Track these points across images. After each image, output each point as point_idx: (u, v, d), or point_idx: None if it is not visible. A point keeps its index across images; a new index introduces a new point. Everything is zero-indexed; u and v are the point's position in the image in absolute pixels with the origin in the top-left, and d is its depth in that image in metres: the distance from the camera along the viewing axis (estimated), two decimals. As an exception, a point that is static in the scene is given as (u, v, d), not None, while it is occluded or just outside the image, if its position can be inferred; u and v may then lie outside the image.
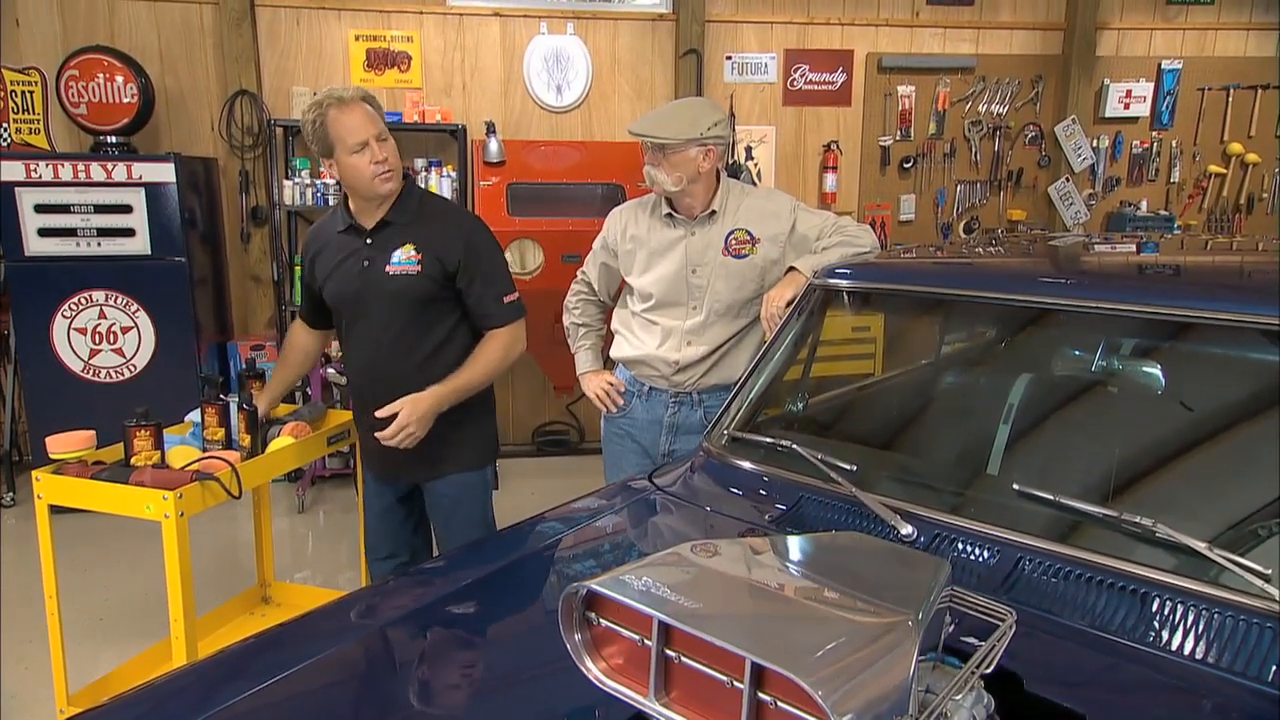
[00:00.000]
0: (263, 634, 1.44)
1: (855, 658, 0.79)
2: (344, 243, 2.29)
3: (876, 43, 5.42)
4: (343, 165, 2.14)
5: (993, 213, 5.71)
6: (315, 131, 2.14)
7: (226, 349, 4.78)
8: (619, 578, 0.90)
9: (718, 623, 0.83)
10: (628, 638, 0.91)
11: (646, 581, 0.89)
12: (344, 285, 2.30)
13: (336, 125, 2.11)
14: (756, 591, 0.90)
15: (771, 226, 2.41)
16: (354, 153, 2.12)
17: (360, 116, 2.12)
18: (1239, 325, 1.42)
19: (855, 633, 0.82)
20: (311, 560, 4.16)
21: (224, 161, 4.85)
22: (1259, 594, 1.20)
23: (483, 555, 1.58)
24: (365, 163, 2.12)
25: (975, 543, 1.44)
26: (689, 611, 0.84)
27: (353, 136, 2.11)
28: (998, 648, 1.04)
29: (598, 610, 0.94)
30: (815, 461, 1.65)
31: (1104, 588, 1.30)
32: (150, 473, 2.20)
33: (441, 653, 1.37)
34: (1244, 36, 5.69)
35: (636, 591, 0.87)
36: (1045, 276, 1.80)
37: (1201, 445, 1.59)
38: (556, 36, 5.10)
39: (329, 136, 2.12)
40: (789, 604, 0.88)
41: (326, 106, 2.11)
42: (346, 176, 2.16)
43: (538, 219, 4.69)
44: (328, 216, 2.40)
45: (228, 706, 1.16)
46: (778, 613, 0.86)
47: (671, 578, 0.90)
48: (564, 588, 0.93)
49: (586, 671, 0.93)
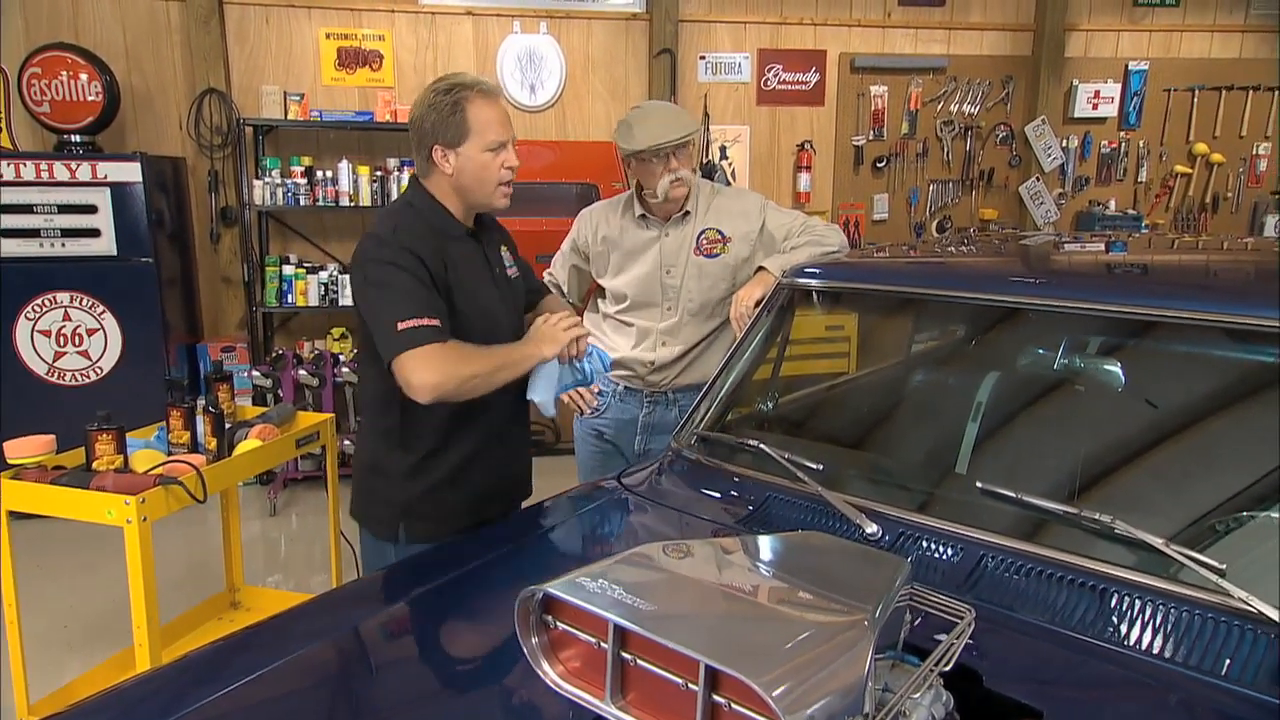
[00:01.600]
0: (228, 637, 1.42)
1: (809, 658, 0.79)
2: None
3: (849, 43, 5.45)
4: (469, 160, 1.82)
5: (965, 212, 5.76)
6: (445, 114, 1.81)
7: (196, 350, 4.71)
8: (575, 580, 0.89)
9: (672, 625, 0.82)
10: (585, 641, 0.91)
11: (602, 584, 0.88)
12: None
13: (480, 114, 1.81)
14: (713, 593, 0.90)
15: (742, 225, 2.42)
16: (490, 149, 1.83)
17: (505, 114, 1.87)
18: (1204, 324, 1.43)
19: (809, 633, 0.82)
20: (284, 564, 4.11)
21: (193, 161, 4.79)
22: (1214, 589, 1.21)
23: (446, 560, 1.57)
24: (498, 165, 1.84)
25: (939, 541, 1.45)
26: (644, 614, 0.84)
27: (493, 132, 1.82)
28: (956, 645, 1.04)
29: (555, 613, 0.93)
30: (782, 461, 1.65)
31: (1064, 584, 1.31)
32: (112, 477, 2.16)
33: (405, 656, 1.36)
34: (1209, 38, 5.78)
35: (592, 594, 0.87)
36: (1012, 276, 1.82)
37: (1165, 442, 1.61)
38: (530, 36, 5.08)
39: (465, 123, 1.80)
40: (745, 605, 0.88)
41: (470, 89, 1.82)
42: (467, 174, 1.84)
43: (511, 218, 4.62)
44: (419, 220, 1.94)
45: (194, 710, 1.14)
46: (733, 614, 0.86)
47: (628, 580, 0.89)
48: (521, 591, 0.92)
49: (543, 675, 0.93)
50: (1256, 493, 1.43)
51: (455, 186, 1.86)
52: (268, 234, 4.96)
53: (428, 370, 1.67)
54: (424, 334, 1.68)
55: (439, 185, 1.87)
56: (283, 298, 4.83)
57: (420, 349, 1.67)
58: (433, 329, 1.69)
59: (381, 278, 1.74)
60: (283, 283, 4.81)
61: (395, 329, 1.68)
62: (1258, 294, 1.47)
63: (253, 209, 4.76)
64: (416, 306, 1.70)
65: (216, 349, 4.70)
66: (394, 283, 1.73)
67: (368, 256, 1.78)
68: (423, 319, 1.68)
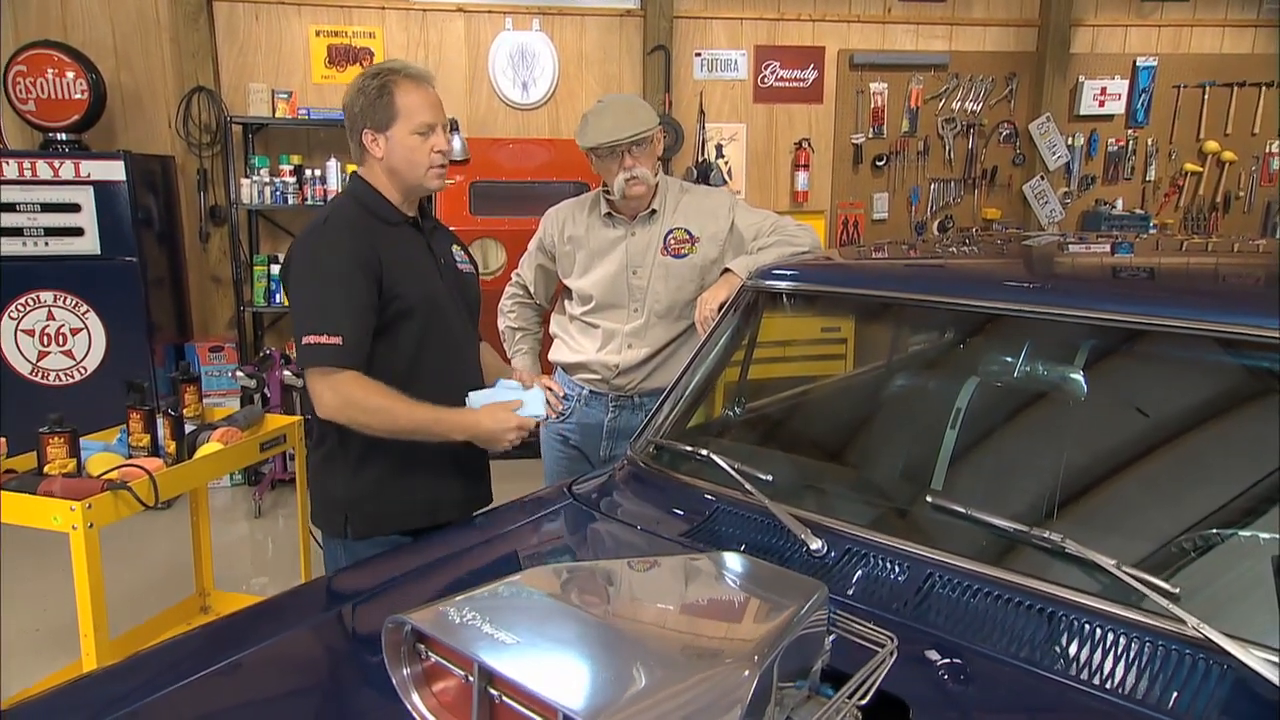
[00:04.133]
0: (177, 638, 1.37)
1: (678, 704, 0.72)
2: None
3: (848, 39, 5.35)
4: (398, 144, 1.82)
5: (967, 211, 5.65)
6: (372, 98, 1.82)
7: (184, 350, 4.68)
8: (441, 610, 0.83)
9: (536, 665, 0.75)
10: (456, 674, 0.84)
11: (471, 615, 0.81)
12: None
13: (406, 98, 1.82)
14: (590, 628, 0.82)
15: (710, 225, 2.34)
16: (418, 133, 1.83)
17: (433, 98, 1.87)
18: (1202, 335, 1.33)
19: (683, 675, 0.75)
20: (270, 566, 4.07)
21: (181, 159, 4.76)
22: (1167, 615, 1.12)
23: (375, 572, 1.51)
24: (427, 149, 1.84)
25: (886, 558, 1.37)
26: (507, 651, 0.77)
27: (420, 115, 1.83)
28: (874, 676, 0.97)
29: (428, 643, 0.87)
30: (730, 471, 1.58)
31: (1012, 607, 1.23)
32: (60, 482, 2.12)
33: (284, 682, 1.29)
34: (1220, 33, 5.63)
35: (456, 627, 0.80)
36: (990, 279, 1.73)
37: (1147, 460, 1.52)
38: (522, 33, 5.02)
39: (393, 107, 1.81)
40: (621, 643, 0.81)
41: (398, 74, 1.83)
42: (396, 157, 1.84)
43: (501, 218, 4.63)
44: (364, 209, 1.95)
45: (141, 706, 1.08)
46: (606, 653, 0.79)
47: (498, 611, 0.82)
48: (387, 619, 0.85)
49: (412, 708, 0.86)
50: (1228, 515, 1.34)
51: (387, 170, 1.86)
52: (257, 233, 4.93)
53: (330, 393, 1.73)
54: (325, 353, 1.70)
55: (373, 173, 1.89)
56: (271, 297, 4.80)
57: (323, 370, 1.72)
58: (333, 349, 1.70)
59: (301, 275, 1.77)
60: (271, 282, 4.78)
61: (301, 340, 1.72)
62: (1258, 304, 1.37)
63: (241, 208, 4.73)
64: (324, 318, 1.71)
65: (206, 349, 4.67)
66: (309, 287, 1.75)
67: (294, 254, 1.81)
68: (325, 335, 1.70)
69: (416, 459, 1.85)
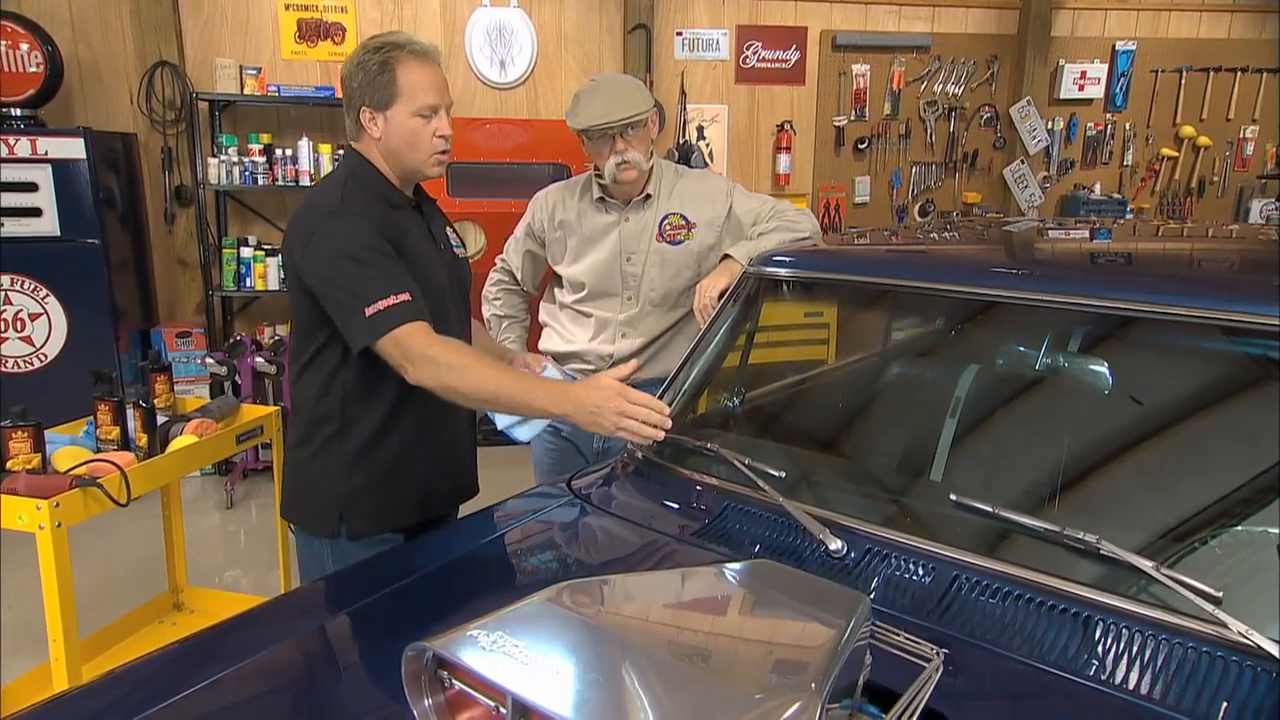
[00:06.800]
0: (160, 650, 1.28)
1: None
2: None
3: (830, 20, 5.28)
4: (398, 125, 1.69)
5: (948, 195, 5.63)
6: (372, 75, 1.67)
7: (150, 336, 4.52)
8: (470, 635, 0.75)
9: (576, 699, 0.68)
10: (484, 704, 0.77)
11: (500, 638, 0.74)
12: None
13: (409, 76, 1.67)
14: (630, 652, 0.76)
15: (707, 210, 2.27)
16: (420, 115, 1.69)
17: (438, 78, 1.72)
18: (1198, 321, 1.30)
19: (740, 711, 0.68)
20: (243, 558, 3.95)
21: (144, 137, 4.57)
22: (1210, 619, 1.08)
23: (374, 574, 1.43)
24: (429, 133, 1.71)
25: (910, 559, 1.32)
26: (544, 681, 0.70)
27: (424, 96, 1.68)
28: (921, 694, 0.91)
29: (450, 670, 0.79)
30: (741, 467, 1.52)
31: (1043, 610, 1.18)
32: (24, 479, 2.00)
33: (306, 690, 1.22)
34: (1197, 18, 5.65)
35: (487, 655, 0.73)
36: (988, 266, 1.68)
37: (1164, 451, 1.48)
38: (500, 10, 4.88)
39: (394, 85, 1.66)
40: (665, 672, 0.74)
41: (401, 49, 1.68)
42: (395, 140, 1.71)
43: (480, 200, 4.52)
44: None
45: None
46: (650, 685, 0.72)
47: (529, 636, 0.75)
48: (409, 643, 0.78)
49: (436, 743, 0.79)
50: (1245, 507, 1.30)
51: (384, 151, 1.73)
52: (226, 214, 4.76)
53: (420, 359, 1.55)
54: (396, 313, 1.55)
55: (371, 151, 1.76)
56: (241, 281, 4.64)
57: (403, 331, 1.55)
58: (402, 306, 1.56)
59: (332, 259, 1.60)
60: (240, 265, 4.62)
61: (364, 313, 1.55)
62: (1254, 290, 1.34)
63: (208, 188, 4.56)
64: (383, 284, 1.57)
65: (172, 335, 4.51)
66: (347, 265, 1.59)
67: (319, 231, 1.64)
68: (391, 297, 1.56)
69: (415, 452, 1.76)
